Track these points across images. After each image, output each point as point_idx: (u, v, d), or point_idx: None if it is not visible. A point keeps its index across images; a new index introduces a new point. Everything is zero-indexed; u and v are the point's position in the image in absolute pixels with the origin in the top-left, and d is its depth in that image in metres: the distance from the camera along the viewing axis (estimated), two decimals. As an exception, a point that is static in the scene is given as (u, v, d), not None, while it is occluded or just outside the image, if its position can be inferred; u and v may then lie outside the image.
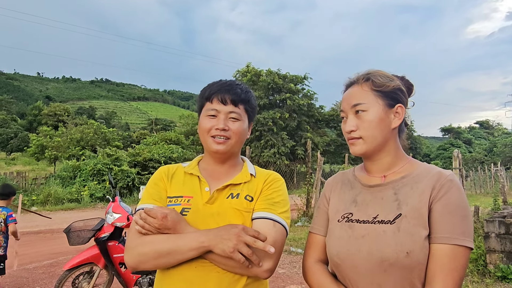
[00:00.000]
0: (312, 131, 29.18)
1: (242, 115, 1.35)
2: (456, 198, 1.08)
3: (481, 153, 51.62)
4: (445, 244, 1.04)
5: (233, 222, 1.23)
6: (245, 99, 1.36)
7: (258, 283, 1.28)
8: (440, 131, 78.85)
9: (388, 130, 1.18)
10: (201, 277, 1.20)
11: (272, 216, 1.26)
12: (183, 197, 1.32)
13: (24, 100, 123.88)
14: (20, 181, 19.03)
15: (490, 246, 4.96)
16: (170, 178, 1.39)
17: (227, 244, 1.10)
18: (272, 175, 1.41)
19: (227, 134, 1.31)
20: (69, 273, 3.85)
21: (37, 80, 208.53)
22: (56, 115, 54.21)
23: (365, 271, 1.10)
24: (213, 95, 1.33)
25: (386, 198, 1.16)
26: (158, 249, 1.16)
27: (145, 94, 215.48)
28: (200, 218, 1.26)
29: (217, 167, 1.39)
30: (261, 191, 1.34)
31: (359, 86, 1.21)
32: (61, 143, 26.68)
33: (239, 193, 1.32)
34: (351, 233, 1.16)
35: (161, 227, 1.17)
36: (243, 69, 29.42)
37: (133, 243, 1.21)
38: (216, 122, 1.31)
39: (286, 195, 1.38)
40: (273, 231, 1.23)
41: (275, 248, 1.17)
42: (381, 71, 1.23)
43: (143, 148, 21.38)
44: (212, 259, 1.17)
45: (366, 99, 1.17)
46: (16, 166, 35.18)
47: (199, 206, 1.29)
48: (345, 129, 1.22)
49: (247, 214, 1.28)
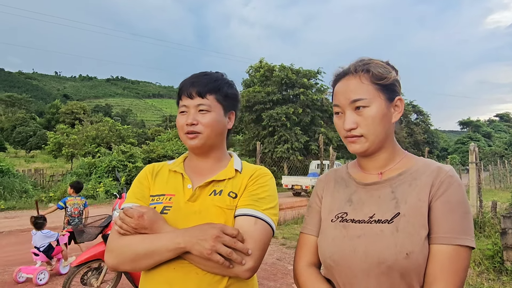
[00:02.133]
0: (326, 126, 28.92)
1: (213, 106, 1.27)
2: (456, 195, 1.01)
3: (501, 147, 50.40)
4: (446, 245, 0.97)
5: (215, 221, 1.17)
6: (213, 88, 1.28)
7: (242, 283, 1.22)
8: (458, 125, 77.46)
9: (389, 125, 1.11)
10: (180, 278, 1.15)
11: (254, 212, 1.20)
12: (165, 195, 1.28)
13: (43, 98, 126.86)
14: (38, 178, 19.47)
15: (507, 243, 4.79)
16: (154, 176, 1.36)
17: (204, 246, 1.06)
18: (259, 170, 1.34)
19: (197, 128, 1.25)
20: (77, 269, 3.89)
21: (55, 79, 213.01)
22: (73, 113, 55.16)
23: (361, 273, 1.02)
24: (181, 91, 1.30)
25: (383, 196, 1.09)
26: (135, 250, 1.13)
27: (159, 91, 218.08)
28: (181, 217, 1.21)
29: (200, 162, 1.34)
30: (246, 187, 1.28)
31: (357, 78, 1.09)
32: (77, 140, 27.15)
33: (222, 190, 1.26)
34: (345, 233, 1.08)
35: (137, 227, 1.14)
36: (256, 65, 29.33)
37: (112, 244, 1.19)
38: (186, 118, 1.26)
39: (273, 191, 1.31)
40: (254, 228, 1.17)
41: (256, 246, 1.13)
42: (376, 60, 1.13)
43: (157, 145, 21.61)
44: (191, 259, 1.12)
45: (368, 94, 1.07)
46: (35, 163, 36.00)
47: (180, 204, 1.24)
48: (343, 127, 1.11)
49: (230, 211, 1.22)
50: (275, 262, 5.73)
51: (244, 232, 1.14)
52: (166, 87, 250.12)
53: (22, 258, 6.24)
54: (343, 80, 1.13)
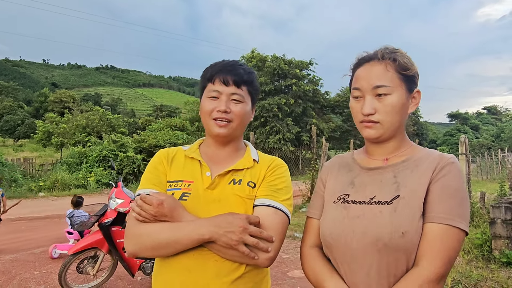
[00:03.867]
0: (318, 117, 29.00)
1: (245, 97, 1.29)
2: (455, 181, 1.05)
3: (489, 139, 51.14)
4: (438, 224, 1.01)
5: (235, 209, 1.19)
6: (248, 80, 1.30)
7: (257, 270, 1.25)
8: (447, 117, 78.27)
9: (405, 115, 1.14)
10: (199, 265, 1.17)
11: (274, 203, 1.22)
12: (183, 181, 1.27)
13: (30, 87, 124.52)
14: (28, 167, 19.22)
15: (495, 232, 4.92)
16: (170, 161, 1.34)
17: (231, 237, 1.08)
18: (276, 160, 1.36)
19: (229, 116, 1.25)
20: (73, 257, 3.88)
21: (43, 67, 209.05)
22: (62, 101, 54.35)
23: (358, 251, 1.07)
24: (215, 76, 1.27)
25: (385, 180, 1.13)
26: (156, 239, 1.13)
27: (150, 80, 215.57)
28: (201, 204, 1.22)
29: (219, 150, 1.34)
30: (264, 177, 1.29)
31: (383, 64, 1.10)
32: (67, 129, 26.80)
33: (241, 179, 1.27)
34: (346, 213, 1.13)
35: (157, 214, 1.13)
36: (248, 55, 29.15)
37: (131, 231, 1.19)
38: (217, 104, 1.25)
39: (289, 181, 1.34)
40: (273, 218, 1.19)
41: (276, 236, 1.15)
42: (401, 50, 1.15)
43: (149, 135, 21.42)
44: (212, 248, 1.14)
45: (392, 82, 1.09)
46: (23, 152, 35.50)
47: (199, 192, 1.24)
48: (361, 111, 1.12)
49: (249, 201, 1.24)
50: (269, 251, 5.81)
51: (264, 222, 1.16)
52: (157, 76, 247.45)
53: (16, 247, 6.23)
54: (366, 65, 1.14)
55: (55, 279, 4.44)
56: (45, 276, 4.68)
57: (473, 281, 4.18)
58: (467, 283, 4.16)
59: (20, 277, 4.60)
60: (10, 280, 4.49)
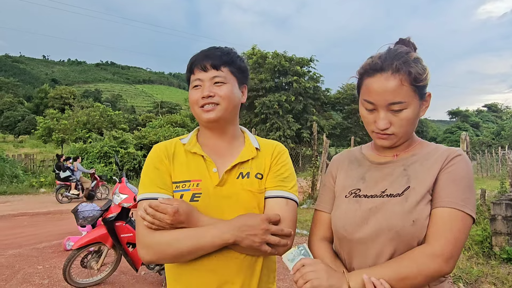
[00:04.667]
0: (318, 114, 29.04)
1: (228, 78, 1.25)
2: (462, 170, 1.09)
3: (489, 137, 51.12)
4: (444, 208, 1.05)
5: (247, 205, 1.21)
6: (227, 61, 1.26)
7: (270, 258, 1.31)
8: (448, 114, 78.08)
9: (417, 121, 1.15)
10: (222, 264, 1.18)
11: (283, 193, 1.25)
12: (191, 181, 1.23)
13: (31, 83, 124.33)
14: (28, 163, 19.27)
15: (496, 229, 4.95)
16: (171, 159, 1.28)
17: (254, 240, 1.10)
18: (277, 147, 1.36)
19: (215, 100, 1.22)
20: (77, 252, 3.92)
21: (43, 63, 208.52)
22: (63, 98, 54.36)
23: (371, 241, 1.10)
24: (194, 65, 1.26)
25: (395, 174, 1.16)
26: (179, 249, 1.11)
27: (150, 77, 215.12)
28: (213, 202, 1.20)
29: (218, 140, 1.31)
30: (270, 167, 1.30)
31: (397, 79, 1.05)
32: (68, 125, 26.83)
33: (248, 172, 1.26)
34: (358, 206, 1.16)
35: (173, 223, 1.10)
36: (248, 52, 29.12)
37: (148, 241, 1.14)
38: (201, 91, 1.23)
39: (292, 166, 1.36)
40: (286, 209, 1.22)
41: (291, 226, 1.19)
42: (412, 53, 1.11)
43: (149, 131, 21.47)
44: (233, 247, 1.15)
45: (406, 97, 1.06)
46: (24, 148, 35.51)
47: (209, 190, 1.21)
48: (376, 125, 1.12)
49: (260, 195, 1.24)
50: (271, 247, 5.85)
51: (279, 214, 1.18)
52: (157, 73, 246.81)
53: (19, 242, 6.26)
54: (379, 76, 1.08)
55: (58, 274, 4.47)
56: (48, 270, 4.71)
57: (473, 277, 4.21)
58: (467, 279, 4.19)
59: (24, 272, 4.64)
60: (14, 275, 4.53)
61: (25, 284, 4.23)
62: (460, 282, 4.12)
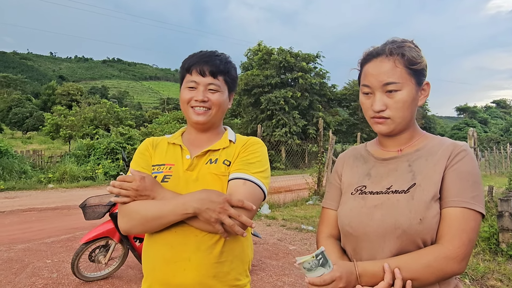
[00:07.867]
0: (324, 110, 28.91)
1: (222, 87, 1.36)
2: (468, 166, 1.08)
3: (497, 133, 50.65)
4: (455, 207, 1.05)
5: (211, 187, 1.25)
6: (224, 70, 1.36)
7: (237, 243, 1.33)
8: (456, 111, 77.51)
9: (415, 109, 1.16)
10: (180, 240, 1.25)
11: (243, 175, 1.28)
12: (165, 165, 1.36)
13: (38, 80, 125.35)
14: (37, 159, 19.42)
15: (503, 225, 4.92)
16: (154, 147, 1.44)
17: (211, 215, 1.14)
18: (251, 139, 1.42)
19: (207, 105, 1.33)
20: (85, 246, 3.97)
21: (50, 59, 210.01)
22: (70, 94, 54.81)
23: (377, 239, 1.10)
24: (192, 67, 1.34)
25: (400, 170, 1.16)
26: (145, 215, 1.21)
27: (156, 73, 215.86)
28: (181, 185, 1.29)
29: (199, 135, 1.42)
30: (238, 154, 1.36)
31: (391, 61, 1.10)
32: (75, 122, 27.00)
33: (217, 158, 1.34)
34: (364, 203, 1.16)
35: (139, 188, 1.21)
36: (254, 48, 29.07)
37: (123, 210, 1.26)
38: (195, 93, 1.34)
39: (264, 156, 1.38)
40: (242, 189, 1.24)
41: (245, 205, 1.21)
42: (408, 42, 1.15)
43: (156, 127, 21.57)
44: (192, 223, 1.21)
45: (401, 78, 1.09)
46: (32, 144, 35.87)
47: (179, 173, 1.32)
48: (372, 108, 1.14)
49: (224, 178, 1.31)
50: (276, 243, 5.86)
51: (232, 193, 1.22)
52: (163, 69, 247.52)
53: (27, 237, 6.34)
54: (375, 60, 1.14)
55: (67, 268, 4.53)
56: (57, 264, 4.77)
57: (480, 273, 4.20)
58: (474, 275, 4.18)
59: (33, 266, 4.70)
60: (23, 268, 4.60)
61: (34, 277, 4.29)
62: (467, 279, 4.11)
